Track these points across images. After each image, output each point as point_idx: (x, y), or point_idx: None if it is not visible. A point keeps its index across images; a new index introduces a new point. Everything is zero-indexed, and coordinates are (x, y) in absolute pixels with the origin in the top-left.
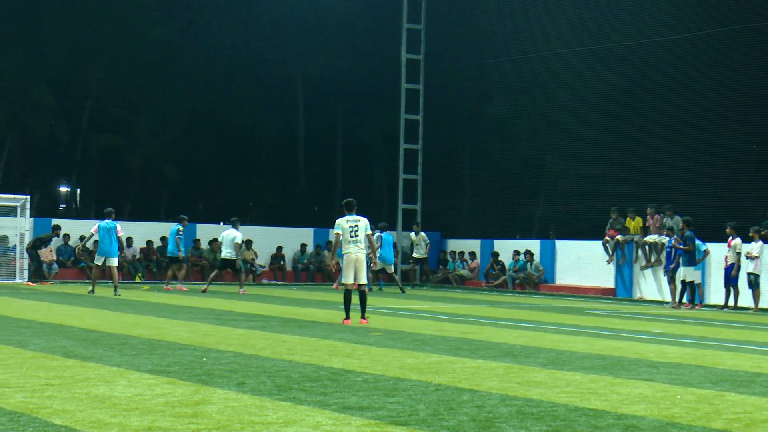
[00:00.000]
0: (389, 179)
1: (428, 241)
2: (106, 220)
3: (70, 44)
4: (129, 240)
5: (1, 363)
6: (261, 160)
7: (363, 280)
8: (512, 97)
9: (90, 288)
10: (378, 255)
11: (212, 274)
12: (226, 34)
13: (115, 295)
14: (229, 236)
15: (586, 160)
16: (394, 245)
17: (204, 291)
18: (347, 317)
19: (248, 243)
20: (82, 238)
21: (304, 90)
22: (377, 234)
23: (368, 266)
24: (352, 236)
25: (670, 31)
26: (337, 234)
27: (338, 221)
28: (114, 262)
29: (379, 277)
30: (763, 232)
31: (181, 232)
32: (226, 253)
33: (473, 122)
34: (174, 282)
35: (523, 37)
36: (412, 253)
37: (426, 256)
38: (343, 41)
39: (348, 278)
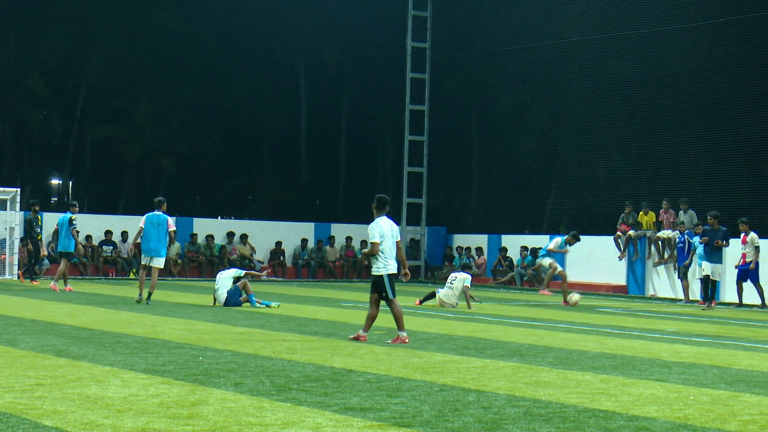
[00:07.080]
0: (394, 172)
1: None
2: (156, 212)
3: (65, 31)
4: (124, 234)
5: None
6: (262, 152)
7: None
8: (523, 87)
9: (137, 295)
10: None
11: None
12: (228, 22)
13: (147, 302)
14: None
15: (600, 152)
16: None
17: None
18: None
19: (244, 237)
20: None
21: (307, 79)
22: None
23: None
24: None
25: (687, 19)
26: None
27: None
28: (160, 263)
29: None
30: None
31: (74, 222)
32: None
33: (482, 113)
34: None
35: (535, 25)
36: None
37: None
38: (348, 29)
39: None
